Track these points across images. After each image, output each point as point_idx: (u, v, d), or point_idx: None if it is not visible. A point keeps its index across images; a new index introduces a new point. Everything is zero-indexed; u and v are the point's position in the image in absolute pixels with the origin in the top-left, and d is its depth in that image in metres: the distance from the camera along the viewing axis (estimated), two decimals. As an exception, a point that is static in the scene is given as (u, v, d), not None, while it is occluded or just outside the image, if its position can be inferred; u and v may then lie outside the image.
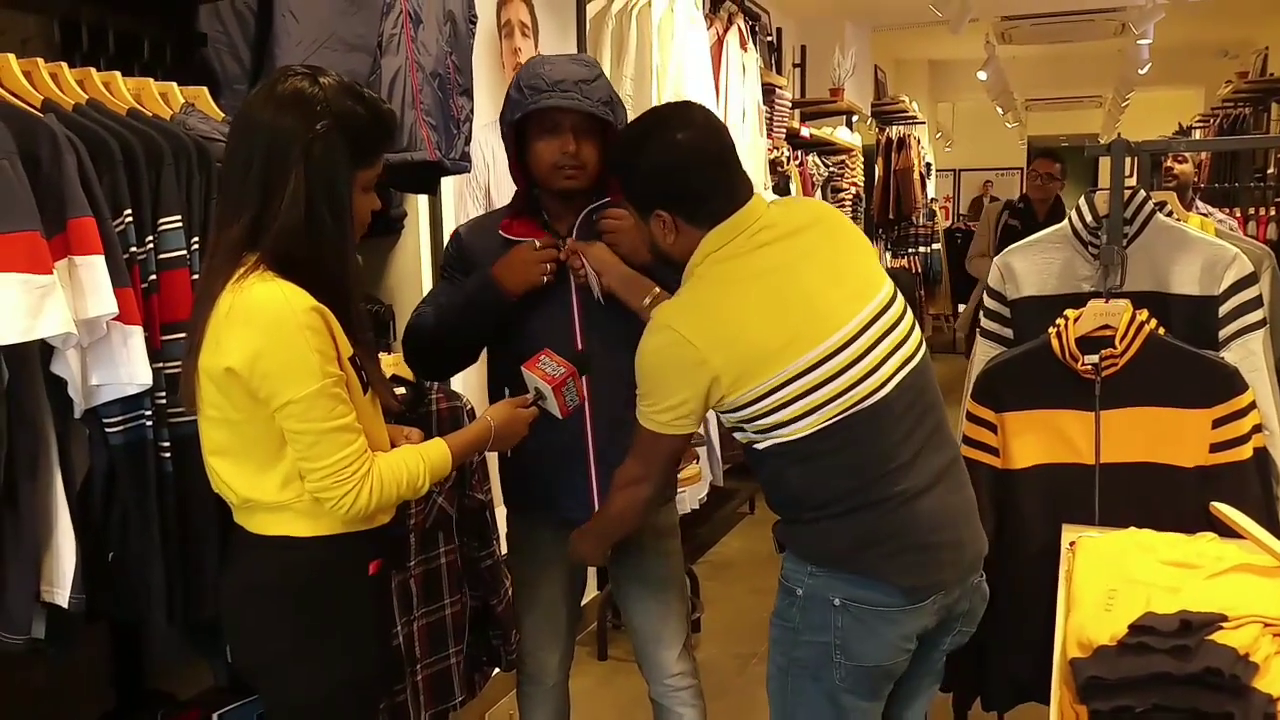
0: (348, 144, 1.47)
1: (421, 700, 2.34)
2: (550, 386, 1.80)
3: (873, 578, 1.62)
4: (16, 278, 1.38)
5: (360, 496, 1.48)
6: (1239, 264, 2.05)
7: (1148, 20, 6.24)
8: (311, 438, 1.45)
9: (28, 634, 1.51)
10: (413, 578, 2.31)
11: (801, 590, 1.68)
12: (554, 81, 1.87)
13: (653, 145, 1.68)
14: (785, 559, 1.75)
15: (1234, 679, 1.33)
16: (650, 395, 1.68)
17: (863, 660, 1.65)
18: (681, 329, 1.62)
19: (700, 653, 3.54)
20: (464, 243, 2.08)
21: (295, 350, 1.42)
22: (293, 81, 1.47)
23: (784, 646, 1.74)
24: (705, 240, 1.66)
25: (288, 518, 1.52)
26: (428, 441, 1.64)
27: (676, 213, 1.67)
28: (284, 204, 1.43)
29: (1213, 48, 8.99)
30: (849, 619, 1.64)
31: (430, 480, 1.59)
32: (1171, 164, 4.10)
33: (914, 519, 1.62)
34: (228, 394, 1.45)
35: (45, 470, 1.52)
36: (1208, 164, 6.30)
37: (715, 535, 4.77)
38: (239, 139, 1.49)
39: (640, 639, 2.22)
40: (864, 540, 1.62)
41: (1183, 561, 1.64)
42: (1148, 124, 9.34)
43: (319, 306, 1.45)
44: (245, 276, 1.43)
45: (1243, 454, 1.93)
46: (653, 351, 1.66)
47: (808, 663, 1.70)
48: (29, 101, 1.58)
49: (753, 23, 4.73)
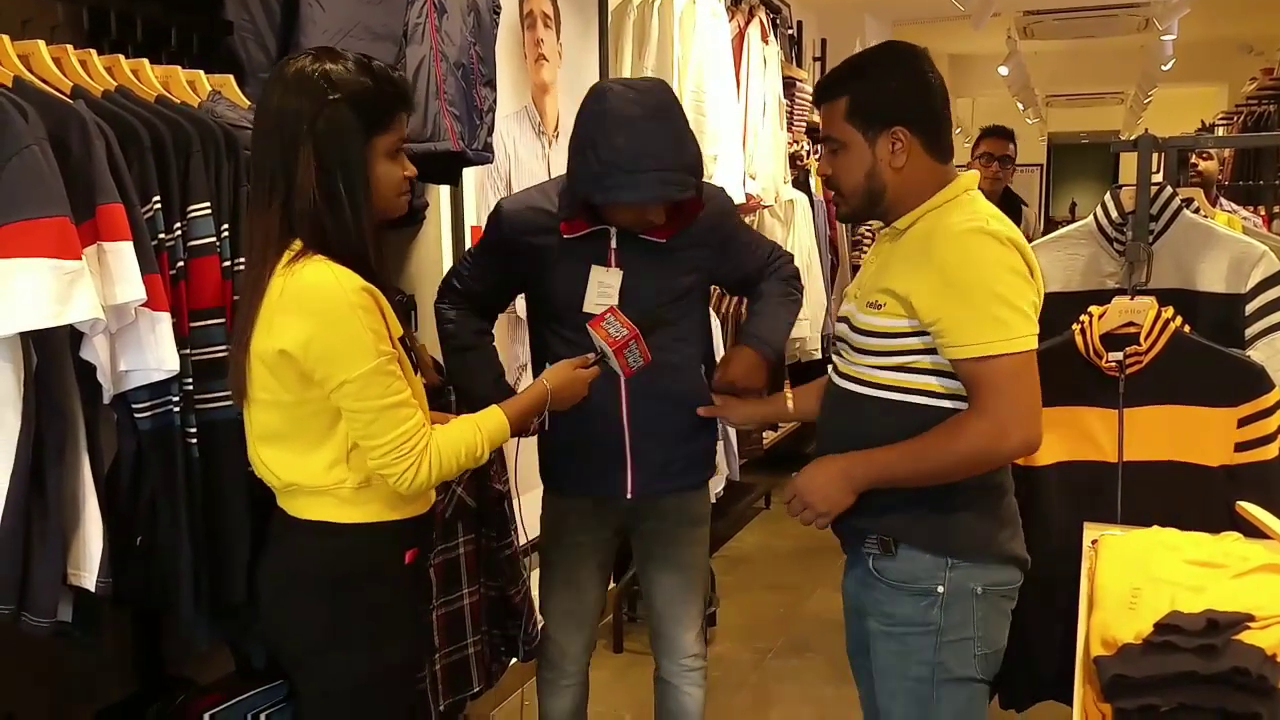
0: (356, 113, 1.47)
1: (440, 689, 2.35)
2: (611, 348, 1.81)
3: (1003, 558, 1.66)
4: (46, 263, 1.39)
5: (421, 471, 1.50)
6: (1267, 262, 2.03)
7: (1172, 15, 6.18)
8: (370, 415, 1.46)
9: (54, 617, 1.52)
10: (432, 567, 2.32)
11: (943, 587, 1.62)
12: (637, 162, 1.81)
13: (898, 62, 1.65)
14: (902, 557, 1.65)
15: (1261, 679, 1.32)
16: (1005, 304, 1.51)
17: (996, 644, 1.67)
18: (1015, 239, 1.56)
19: (716, 647, 3.55)
20: (511, 222, 2.03)
21: (349, 330, 1.43)
22: (295, 63, 1.49)
23: (925, 655, 1.64)
24: (965, 177, 1.66)
25: (330, 503, 1.54)
26: (483, 410, 1.65)
27: (919, 134, 1.62)
28: (299, 181, 1.45)
29: (1237, 44, 8.89)
30: (986, 606, 1.64)
31: (490, 449, 1.61)
32: (1196, 161, 4.07)
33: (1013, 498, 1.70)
34: (280, 376, 1.47)
35: (73, 454, 1.53)
36: (1231, 161, 6.24)
37: (731, 530, 4.77)
38: (257, 127, 1.52)
39: (661, 619, 2.25)
40: (1000, 521, 1.66)
41: (1208, 561, 1.63)
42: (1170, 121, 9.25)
43: (369, 286, 1.46)
44: (294, 262, 1.45)
45: (1269, 453, 1.91)
46: (998, 261, 1.52)
47: (953, 664, 1.64)
48: (59, 88, 1.59)
49: (774, 16, 4.70)
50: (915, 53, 1.67)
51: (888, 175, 1.64)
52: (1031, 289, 1.56)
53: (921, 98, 1.63)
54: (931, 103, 1.64)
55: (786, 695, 3.26)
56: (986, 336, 1.51)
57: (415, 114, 2.14)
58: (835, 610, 1.77)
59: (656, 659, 2.31)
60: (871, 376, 1.66)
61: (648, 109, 1.85)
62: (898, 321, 1.60)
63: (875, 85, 1.63)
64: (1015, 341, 1.51)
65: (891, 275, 1.62)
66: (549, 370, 1.79)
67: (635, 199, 1.85)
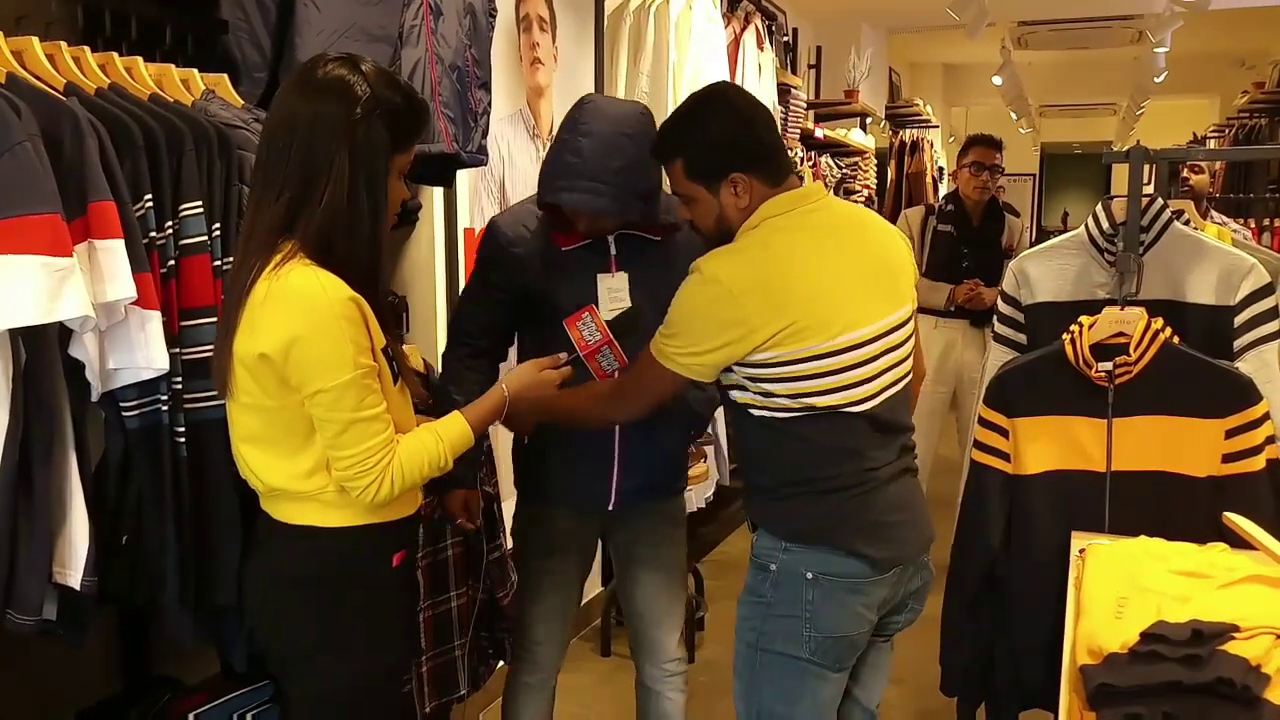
0: (388, 129, 1.48)
1: (426, 692, 2.35)
2: (583, 352, 1.82)
3: (844, 551, 1.71)
4: (37, 260, 1.38)
5: (384, 486, 1.49)
6: (1256, 274, 2.04)
7: (1166, 28, 6.21)
8: (339, 426, 1.46)
9: (39, 615, 1.52)
10: (420, 569, 2.31)
11: (775, 566, 1.74)
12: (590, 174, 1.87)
13: (716, 113, 1.72)
14: (757, 536, 1.79)
15: (1246, 690, 1.33)
16: (679, 336, 1.69)
17: (832, 631, 1.72)
18: (731, 285, 1.64)
19: (704, 651, 3.55)
20: (507, 239, 2.04)
21: (330, 339, 1.42)
22: (333, 67, 1.48)
23: (754, 622, 1.77)
24: (765, 206, 1.71)
25: (313, 508, 1.53)
26: (444, 418, 1.63)
27: (752, 172, 1.70)
28: (328, 187, 1.44)
29: (1229, 58, 8.95)
30: (820, 593, 1.71)
31: (453, 456, 1.59)
32: (1188, 174, 4.08)
33: (882, 501, 1.74)
34: (260, 380, 1.46)
35: (61, 452, 1.52)
36: (1221, 175, 6.28)
37: (720, 534, 4.77)
38: (278, 124, 1.48)
39: (643, 623, 2.25)
40: (839, 517, 1.71)
41: (1194, 571, 1.64)
42: (1162, 133, 9.31)
43: (356, 297, 1.45)
44: (283, 264, 1.44)
45: (1255, 465, 1.92)
46: (696, 300, 1.68)
47: (777, 637, 1.74)
48: (52, 85, 1.58)
49: (769, 22, 4.72)
50: (728, 96, 1.76)
51: (733, 215, 1.73)
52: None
53: (748, 138, 1.71)
54: (759, 139, 1.72)
55: (774, 701, 3.26)
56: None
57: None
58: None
59: (639, 665, 2.31)
60: None
61: (621, 127, 1.90)
62: None
63: (705, 143, 1.71)
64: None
65: None
66: (510, 374, 1.77)
67: (574, 203, 1.91)
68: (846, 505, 1.72)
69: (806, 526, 1.73)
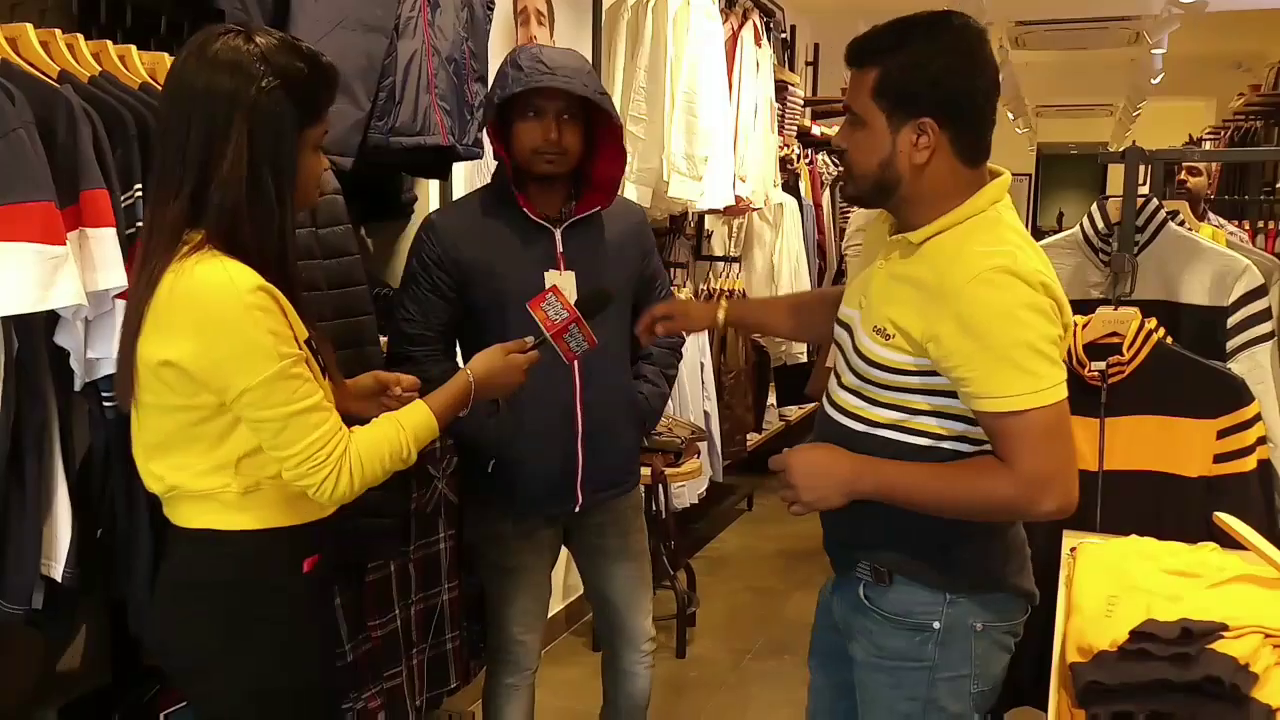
0: (292, 101, 1.36)
1: (417, 684, 2.35)
2: (550, 332, 1.70)
3: (1013, 593, 1.55)
4: (31, 248, 1.38)
5: (341, 478, 1.38)
6: (1249, 275, 2.05)
7: (1163, 30, 6.22)
8: (278, 423, 1.34)
9: (29, 605, 1.51)
10: (411, 562, 2.31)
11: (939, 623, 1.51)
12: (555, 65, 1.89)
13: (965, 45, 1.42)
14: (895, 591, 1.54)
15: (1234, 688, 1.33)
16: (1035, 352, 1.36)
17: (994, 681, 1.56)
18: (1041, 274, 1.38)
19: (695, 648, 3.55)
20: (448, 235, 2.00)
21: (244, 334, 1.31)
22: (225, 40, 1.36)
23: (916, 690, 1.54)
24: (993, 186, 1.46)
25: (214, 509, 1.41)
26: (406, 406, 1.53)
27: (950, 130, 1.42)
28: (225, 170, 1.33)
29: (1226, 60, 8.96)
30: (986, 643, 1.54)
31: (416, 447, 1.47)
32: (1185, 176, 4.09)
33: (1020, 527, 1.59)
34: (166, 381, 1.35)
35: (50, 441, 1.52)
36: (1217, 177, 6.29)
37: (713, 531, 4.77)
38: (171, 107, 1.38)
39: (618, 610, 2.27)
40: (1004, 555, 1.54)
41: (1184, 570, 1.64)
42: (1158, 134, 9.31)
43: (267, 286, 1.33)
44: (189, 255, 1.33)
45: (1247, 465, 1.93)
46: (1023, 305, 1.36)
47: (947, 700, 1.54)
48: (45, 72, 1.57)
49: (768, 19, 4.72)
50: (969, 30, 1.44)
51: (905, 169, 1.44)
52: (1058, 325, 1.41)
53: (964, 88, 1.42)
54: (974, 96, 1.44)
55: (764, 697, 3.27)
56: (1015, 389, 1.36)
57: (405, 107, 2.14)
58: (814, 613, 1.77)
59: (617, 652, 2.32)
60: (869, 413, 1.53)
61: (568, 52, 1.99)
62: (906, 358, 1.45)
63: (913, 64, 1.41)
64: (1044, 394, 1.36)
65: (903, 306, 1.46)
66: (474, 359, 1.65)
67: (555, 84, 1.88)
68: (1011, 540, 1.56)
69: (976, 573, 1.53)
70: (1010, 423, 1.38)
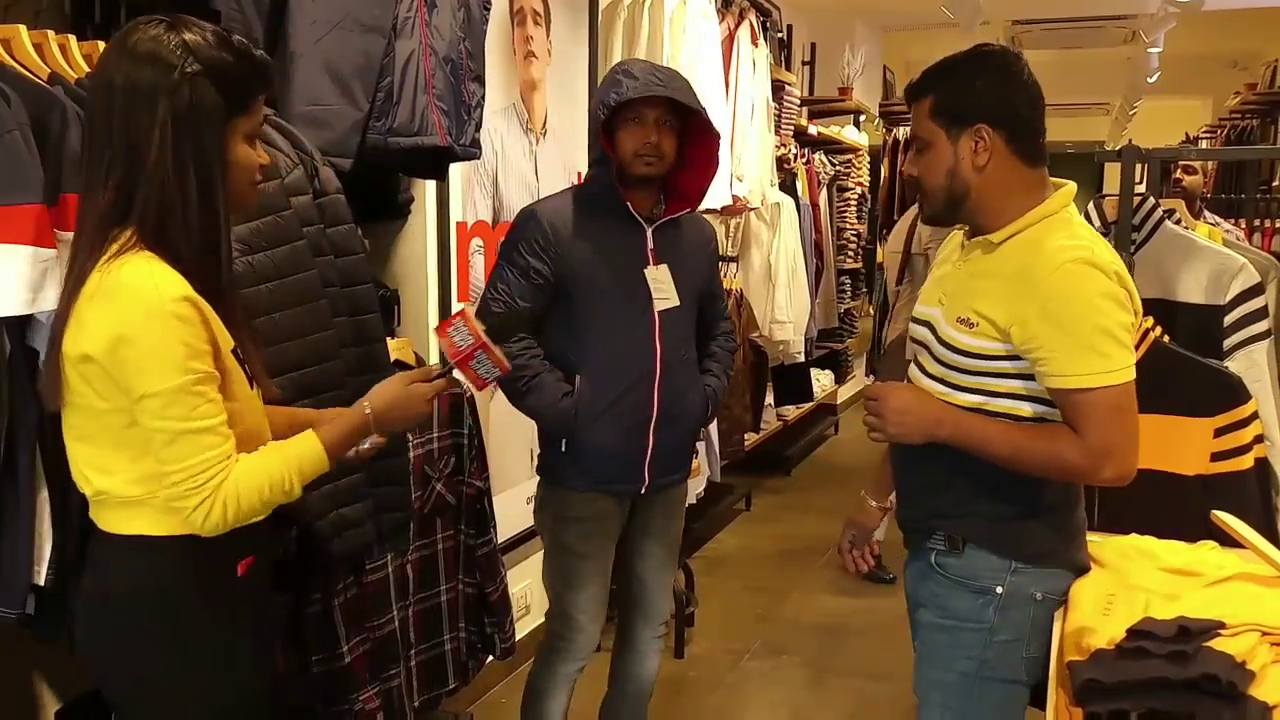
0: (217, 91, 1.32)
1: (415, 685, 2.35)
2: (454, 360, 1.59)
3: (1069, 569, 1.66)
4: (25, 250, 1.38)
5: (214, 510, 1.32)
6: (1246, 274, 2.05)
7: (1159, 29, 6.23)
8: (167, 436, 1.30)
9: (23, 608, 1.52)
10: (409, 563, 2.31)
11: (1002, 589, 1.63)
12: (665, 79, 2.08)
13: (1002, 64, 1.62)
14: (967, 557, 1.66)
15: (1231, 686, 1.33)
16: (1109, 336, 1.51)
17: (1044, 650, 1.64)
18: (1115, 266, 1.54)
19: (693, 648, 3.55)
20: (553, 225, 2.13)
21: (157, 338, 1.27)
22: (147, 30, 1.33)
23: (973, 650, 1.65)
24: (1062, 193, 1.63)
25: (144, 514, 1.36)
26: (297, 436, 1.44)
27: (1006, 134, 1.59)
28: (150, 161, 1.29)
29: (1222, 59, 8.98)
30: (1041, 612, 1.64)
31: (300, 481, 1.40)
32: (1181, 175, 4.09)
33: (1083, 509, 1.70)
34: (89, 381, 1.31)
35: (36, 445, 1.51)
36: (1213, 175, 6.30)
37: (711, 531, 4.77)
38: (96, 100, 1.34)
39: (645, 585, 2.35)
40: (1068, 533, 1.67)
41: (1182, 569, 1.64)
42: (1154, 133, 9.33)
43: (192, 296, 1.30)
44: (119, 255, 1.29)
45: (1244, 463, 1.93)
46: (1100, 294, 1.51)
47: (1002, 663, 1.65)
48: (36, 74, 1.57)
49: (764, 19, 4.72)
50: (1006, 55, 1.65)
51: (970, 176, 1.61)
52: (1129, 313, 1.56)
53: (1007, 96, 1.60)
54: (1017, 102, 1.61)
55: (762, 697, 3.27)
56: (1088, 368, 1.51)
57: (403, 107, 2.13)
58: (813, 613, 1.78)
59: (634, 630, 2.37)
60: (953, 398, 1.64)
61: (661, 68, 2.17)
62: (990, 344, 1.58)
63: (960, 83, 1.61)
64: (1115, 374, 1.51)
65: (988, 298, 1.59)
66: (374, 389, 1.55)
67: (667, 94, 2.06)
68: (1077, 519, 1.68)
69: (1044, 546, 1.64)
70: (1082, 398, 1.52)
